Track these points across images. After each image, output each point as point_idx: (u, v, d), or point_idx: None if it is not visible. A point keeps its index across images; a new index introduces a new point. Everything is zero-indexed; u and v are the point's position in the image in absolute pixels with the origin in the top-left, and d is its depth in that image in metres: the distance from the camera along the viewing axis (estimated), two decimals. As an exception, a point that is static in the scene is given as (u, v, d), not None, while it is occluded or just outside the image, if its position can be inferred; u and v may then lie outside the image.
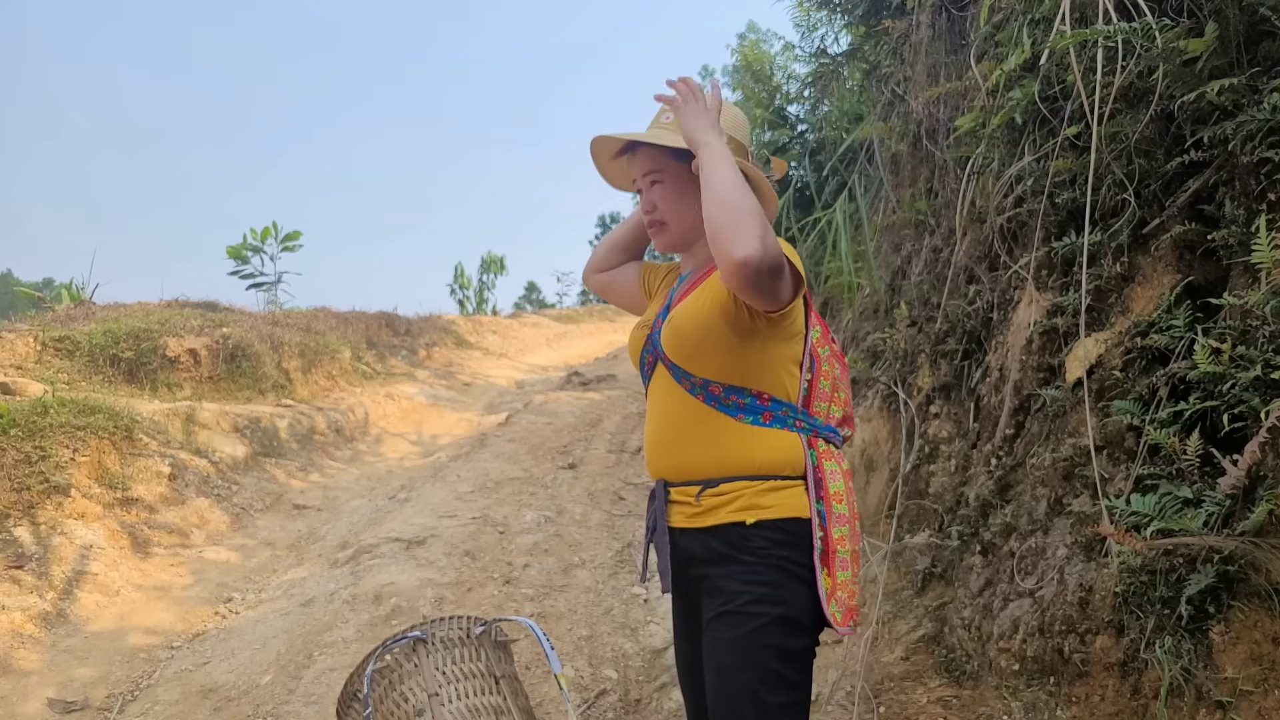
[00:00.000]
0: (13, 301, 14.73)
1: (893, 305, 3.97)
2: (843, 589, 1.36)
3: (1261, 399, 1.65)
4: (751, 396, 1.37)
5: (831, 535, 1.35)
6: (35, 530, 3.80)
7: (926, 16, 3.62)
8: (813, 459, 1.37)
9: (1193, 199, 2.06)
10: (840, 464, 1.42)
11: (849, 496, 1.40)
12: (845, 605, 1.36)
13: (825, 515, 1.36)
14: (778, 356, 1.38)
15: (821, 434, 1.41)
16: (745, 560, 1.34)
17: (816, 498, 1.36)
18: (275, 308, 10.21)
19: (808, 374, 1.41)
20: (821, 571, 1.34)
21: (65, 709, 2.87)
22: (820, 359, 1.44)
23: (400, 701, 1.58)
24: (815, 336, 1.44)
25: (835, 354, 1.51)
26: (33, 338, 6.07)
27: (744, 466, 1.36)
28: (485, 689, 1.61)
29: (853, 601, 1.38)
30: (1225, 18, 1.91)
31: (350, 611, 3.49)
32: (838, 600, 1.35)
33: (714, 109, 1.33)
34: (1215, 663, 1.63)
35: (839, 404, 1.48)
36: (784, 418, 1.38)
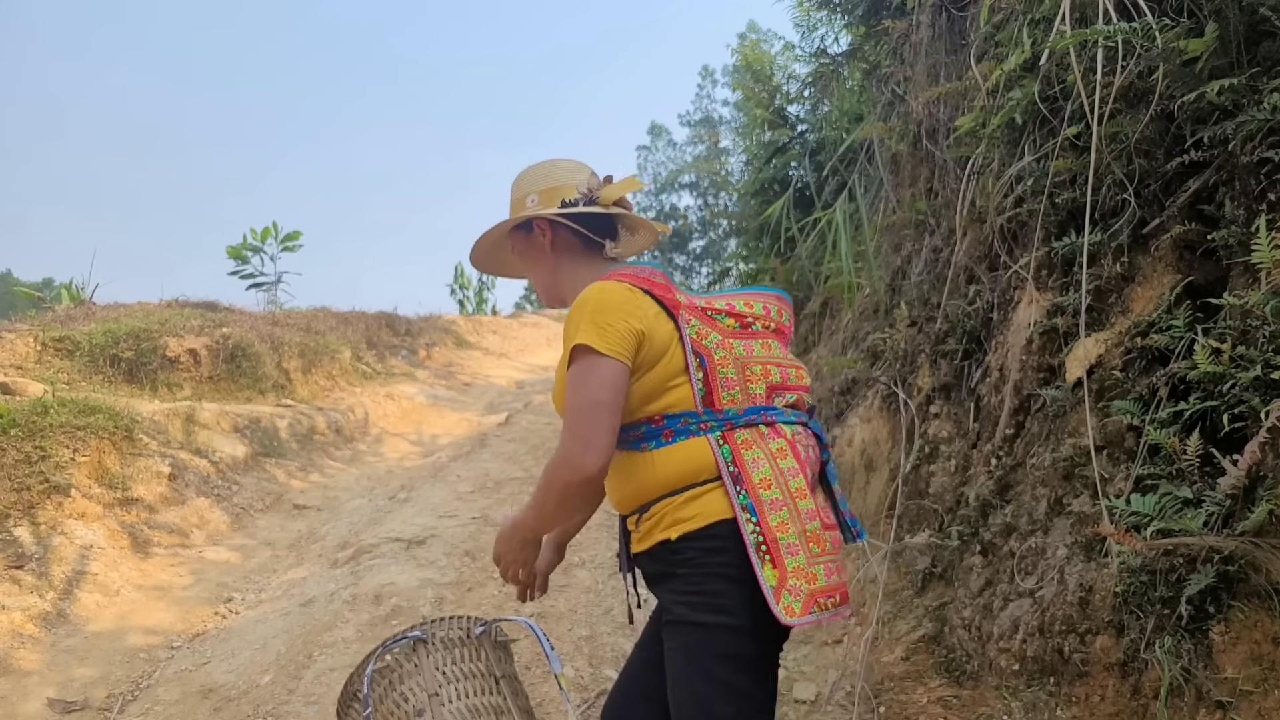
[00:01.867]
0: (13, 301, 14.74)
1: (893, 305, 3.97)
2: (798, 576, 1.29)
3: (1261, 399, 1.65)
4: (645, 424, 1.37)
5: (768, 524, 1.30)
6: (35, 530, 3.80)
7: (926, 16, 3.62)
8: (726, 454, 1.33)
9: (1193, 199, 2.06)
10: (769, 443, 1.36)
11: (784, 477, 1.34)
12: (804, 593, 1.29)
13: (754, 507, 1.31)
14: (651, 385, 1.36)
15: (739, 423, 1.36)
16: (680, 573, 1.34)
17: (738, 492, 1.32)
18: (275, 308, 10.21)
19: (699, 373, 1.37)
20: (764, 566, 1.29)
21: (65, 709, 2.87)
22: (708, 351, 1.37)
23: (400, 701, 1.57)
24: (693, 332, 1.37)
25: (729, 332, 1.42)
26: (33, 338, 6.07)
27: (661, 487, 1.36)
28: (485, 689, 1.60)
29: (817, 584, 1.30)
30: (1225, 18, 1.91)
31: (350, 611, 3.49)
32: (792, 590, 1.28)
33: (506, 537, 1.52)
34: (1215, 663, 1.63)
35: (756, 379, 1.40)
36: (685, 428, 1.36)
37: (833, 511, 1.48)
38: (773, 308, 1.50)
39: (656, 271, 1.43)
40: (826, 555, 1.33)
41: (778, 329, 1.49)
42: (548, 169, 1.55)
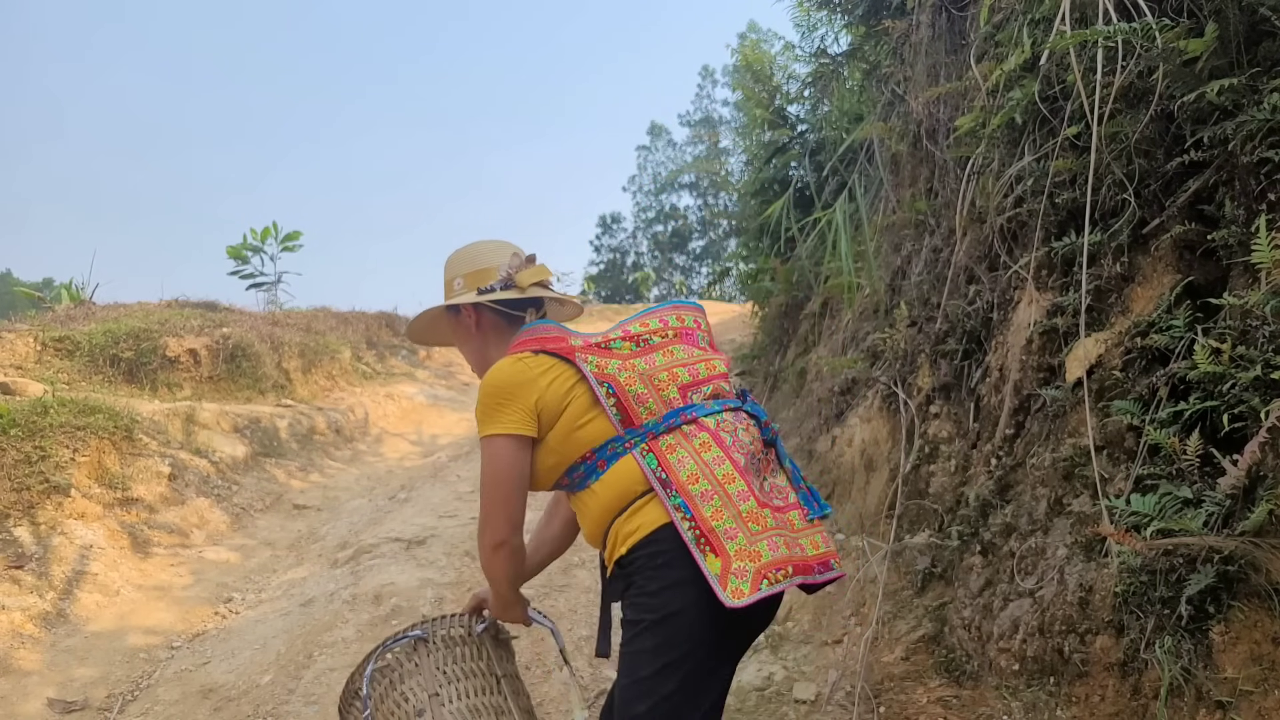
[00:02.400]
0: (13, 301, 14.74)
1: (893, 305, 3.97)
2: (741, 557, 1.32)
3: (1261, 399, 1.65)
4: (581, 463, 1.48)
5: (702, 515, 1.34)
6: (35, 530, 3.80)
7: (926, 16, 3.62)
8: (651, 463, 1.40)
9: (1193, 199, 2.06)
10: (693, 441, 1.41)
11: (710, 468, 1.38)
12: (750, 572, 1.31)
13: (687, 504, 1.36)
14: (566, 429, 1.46)
15: (660, 430, 1.42)
16: (633, 582, 1.41)
17: (669, 494, 1.37)
18: (275, 308, 10.21)
19: (610, 399, 1.44)
20: (705, 557, 1.32)
21: (65, 709, 2.87)
22: (613, 377, 1.45)
23: (400, 701, 1.58)
24: (593, 367, 1.46)
25: (628, 354, 1.49)
26: (33, 338, 6.07)
27: (608, 512, 1.44)
28: (486, 688, 1.60)
29: (762, 560, 1.33)
30: (1225, 18, 1.91)
31: (350, 611, 3.49)
32: (737, 573, 1.31)
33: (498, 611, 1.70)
34: (1215, 663, 1.63)
35: (666, 385, 1.46)
36: (614, 453, 1.44)
37: (790, 489, 1.49)
38: (670, 317, 1.58)
39: (550, 328, 1.57)
40: (770, 530, 1.36)
41: (679, 333, 1.56)
42: (473, 253, 1.67)
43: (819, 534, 1.47)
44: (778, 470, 1.52)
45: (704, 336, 1.60)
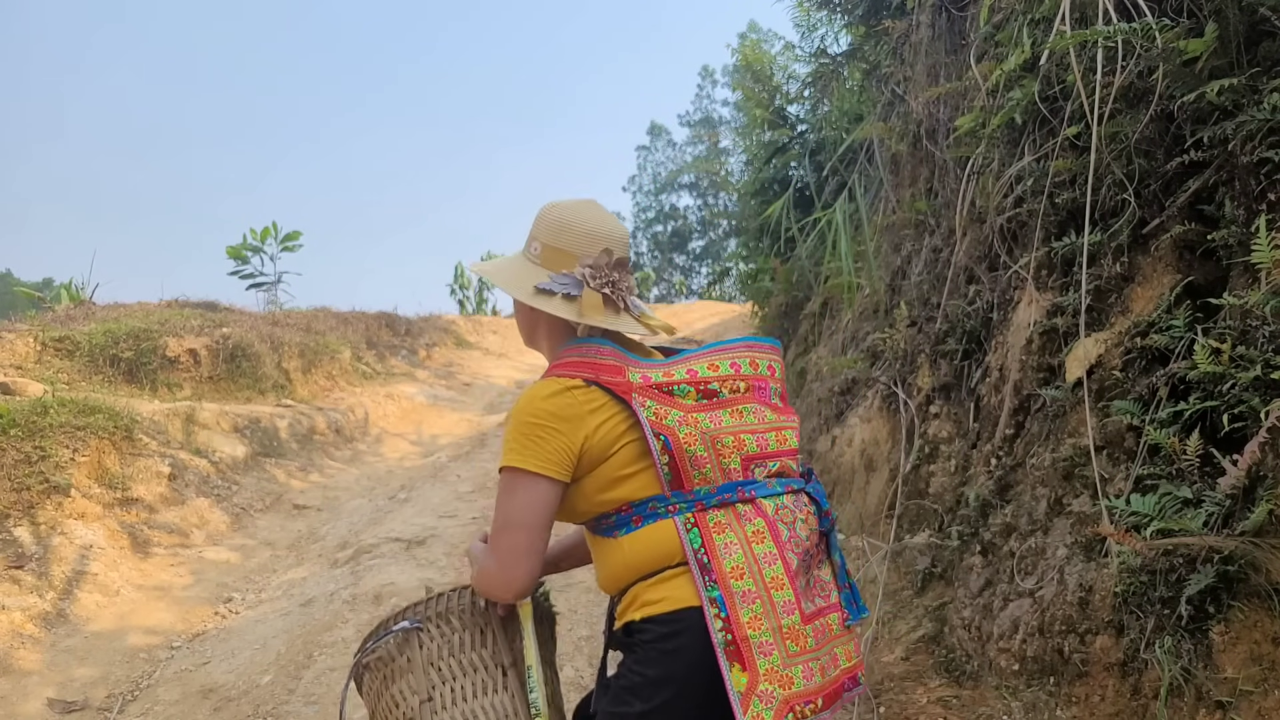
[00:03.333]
0: (13, 301, 14.74)
1: (893, 305, 3.97)
2: (771, 679, 1.18)
3: (1261, 399, 1.65)
4: (615, 513, 1.31)
5: (738, 619, 1.19)
6: (35, 530, 3.80)
7: (926, 16, 3.62)
8: (694, 540, 1.23)
9: (1193, 199, 2.06)
10: (745, 526, 1.24)
11: (759, 565, 1.22)
12: (778, 699, 1.17)
13: (724, 600, 1.20)
14: (606, 478, 1.29)
15: (711, 503, 1.25)
16: (636, 653, 1.27)
17: (707, 583, 1.21)
18: (275, 308, 10.22)
19: (664, 455, 1.26)
20: (732, 669, 1.17)
21: (65, 709, 2.87)
22: (671, 431, 1.26)
23: (392, 706, 1.46)
24: (650, 415, 1.26)
25: (692, 407, 1.29)
26: (33, 338, 6.07)
27: (633, 572, 1.29)
28: (488, 686, 1.45)
29: (793, 689, 1.19)
30: (1225, 18, 1.91)
31: (350, 611, 3.49)
32: (763, 696, 1.16)
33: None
34: (1215, 663, 1.63)
35: (729, 452, 1.28)
36: (653, 512, 1.28)
37: (834, 587, 1.36)
38: (743, 362, 1.37)
39: (603, 349, 1.34)
40: (807, 653, 1.22)
41: (751, 386, 1.35)
42: (565, 222, 1.41)
43: (853, 641, 1.34)
44: (824, 563, 1.37)
45: (777, 389, 1.40)
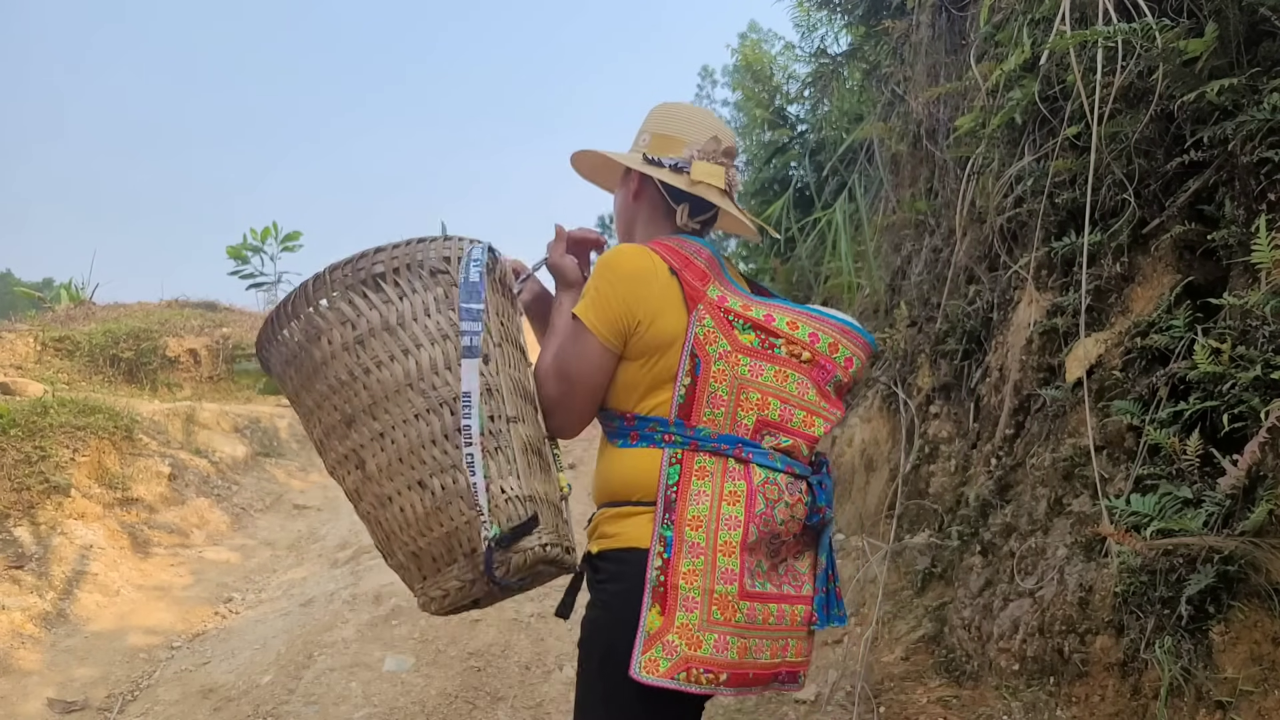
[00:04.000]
0: (13, 301, 14.74)
1: (893, 305, 3.97)
2: (682, 634, 1.15)
3: (1261, 399, 1.65)
4: (618, 418, 1.29)
5: (676, 567, 1.17)
6: (35, 530, 3.80)
7: (926, 16, 3.62)
8: (671, 477, 1.21)
9: (1193, 199, 2.06)
10: (726, 482, 1.21)
11: (718, 525, 1.19)
12: (679, 654, 1.15)
13: (672, 542, 1.18)
14: (635, 378, 1.27)
15: (705, 446, 1.22)
16: (594, 584, 1.28)
17: (664, 522, 1.19)
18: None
19: (687, 378, 1.23)
20: (651, 609, 1.16)
21: (65, 709, 2.87)
22: (708, 358, 1.23)
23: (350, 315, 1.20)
24: (701, 331, 1.23)
25: (743, 348, 1.25)
26: (33, 338, 6.07)
27: (606, 492, 1.29)
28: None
29: (698, 652, 1.15)
30: (1225, 18, 1.91)
31: (350, 611, 3.49)
32: (666, 645, 1.15)
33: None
34: (1215, 663, 1.63)
35: (749, 408, 1.24)
36: (651, 434, 1.25)
37: (808, 581, 1.31)
38: (824, 338, 1.29)
39: (702, 250, 1.30)
40: (731, 626, 1.17)
41: (814, 361, 1.28)
42: (675, 115, 1.42)
43: (808, 642, 1.32)
44: (803, 554, 1.32)
45: (840, 379, 1.32)
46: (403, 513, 1.17)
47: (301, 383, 1.21)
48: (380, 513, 1.19)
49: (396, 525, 1.18)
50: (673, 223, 1.39)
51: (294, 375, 1.22)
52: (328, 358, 1.18)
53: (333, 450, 1.21)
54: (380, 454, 1.17)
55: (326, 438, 1.21)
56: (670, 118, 1.42)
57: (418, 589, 1.22)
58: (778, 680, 1.27)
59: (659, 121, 1.42)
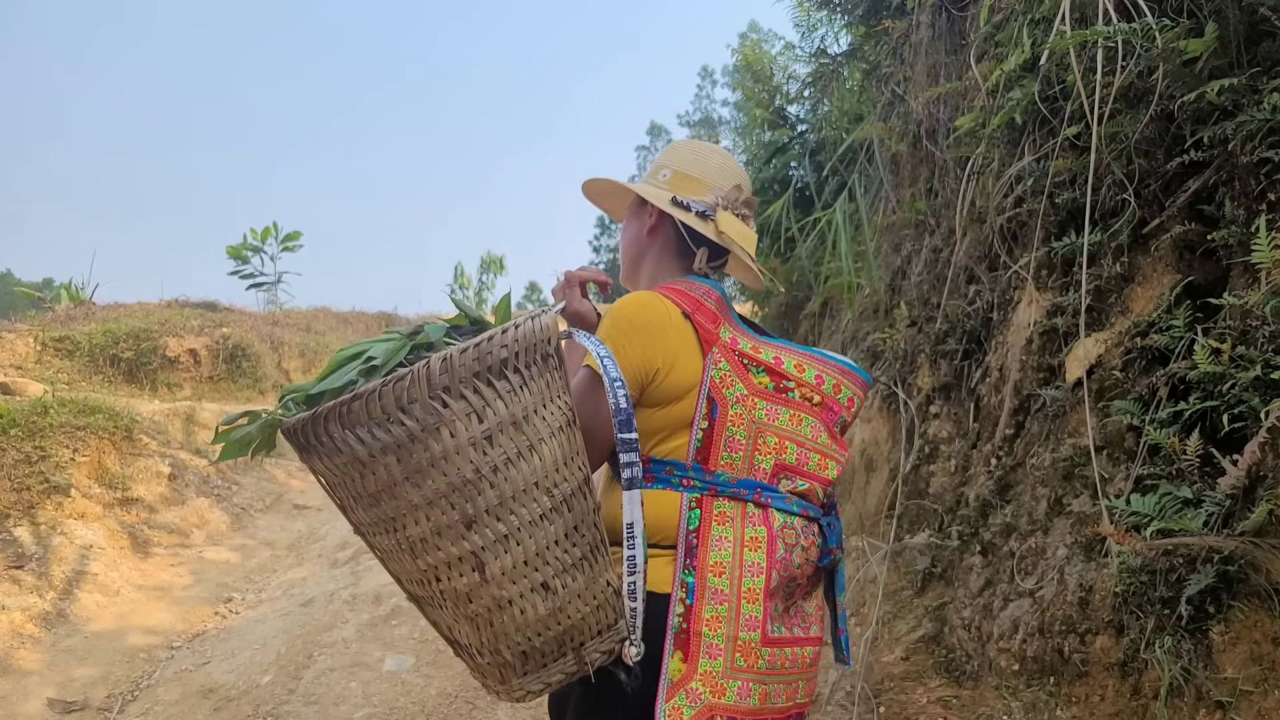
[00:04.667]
0: (13, 301, 14.75)
1: (893, 305, 3.97)
2: (706, 682, 1.14)
3: (1261, 399, 1.65)
4: None
5: (699, 614, 1.16)
6: (35, 530, 3.80)
7: (926, 16, 3.62)
8: (691, 522, 1.20)
9: (1193, 199, 2.06)
10: (746, 528, 1.20)
11: (741, 571, 1.18)
12: (703, 703, 1.14)
13: (695, 588, 1.17)
14: (654, 425, 1.25)
15: (725, 491, 1.21)
16: None
17: (685, 568, 1.18)
18: (275, 308, 10.22)
19: (704, 422, 1.22)
20: (674, 656, 1.15)
21: (65, 709, 2.87)
22: (725, 401, 1.22)
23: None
24: (717, 375, 1.23)
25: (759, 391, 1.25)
26: (33, 338, 6.07)
27: (618, 533, 1.21)
28: None
29: (723, 700, 1.15)
30: (1225, 18, 1.91)
31: (350, 611, 3.49)
32: (690, 693, 1.14)
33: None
34: (1215, 663, 1.63)
35: (767, 452, 1.23)
36: (668, 477, 1.23)
37: (816, 622, 1.31)
38: (829, 380, 1.31)
39: (712, 293, 1.30)
40: (753, 673, 1.18)
41: (824, 404, 1.30)
42: (700, 155, 1.42)
43: (815, 680, 1.30)
44: (812, 596, 1.32)
45: (845, 420, 1.35)
46: (522, 615, 1.11)
47: (405, 475, 1.09)
48: (495, 615, 1.12)
49: (512, 627, 1.12)
50: (685, 262, 1.38)
51: (393, 466, 1.09)
52: (450, 452, 1.07)
53: (441, 551, 1.11)
54: (505, 556, 1.10)
55: (433, 538, 1.10)
56: (695, 158, 1.41)
57: (515, 683, 1.15)
58: (801, 715, 1.28)
59: (683, 159, 1.41)
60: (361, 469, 1.09)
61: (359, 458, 1.09)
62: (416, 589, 1.15)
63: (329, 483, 1.15)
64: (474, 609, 1.11)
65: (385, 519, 1.11)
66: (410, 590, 1.17)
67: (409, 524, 1.10)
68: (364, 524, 1.14)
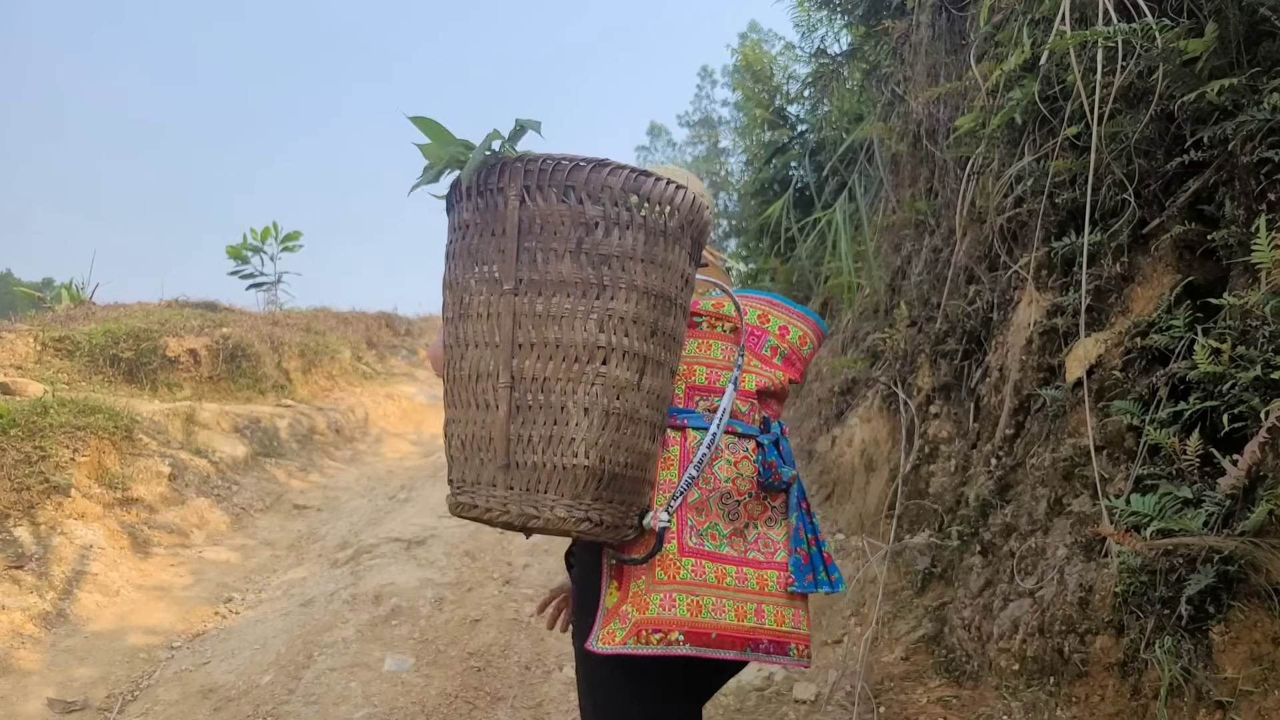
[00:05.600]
0: (13, 301, 14.74)
1: (893, 305, 3.97)
2: (634, 602, 1.18)
3: (1261, 399, 1.65)
4: None
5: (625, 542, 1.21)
6: (35, 530, 3.80)
7: (926, 16, 3.62)
8: None
9: (1193, 199, 2.06)
10: (663, 451, 1.24)
11: (656, 491, 1.22)
12: (631, 620, 1.17)
13: None
14: None
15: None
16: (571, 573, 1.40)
17: None
18: (275, 308, 10.22)
19: None
20: (609, 587, 1.20)
21: (65, 709, 2.87)
22: None
23: None
24: None
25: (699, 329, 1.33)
26: (33, 338, 6.07)
27: None
28: None
29: (646, 614, 1.16)
30: (1225, 18, 1.91)
31: (350, 611, 3.49)
32: (621, 616, 1.18)
33: None
34: (1215, 663, 1.63)
35: (678, 379, 1.29)
36: None
37: (781, 547, 1.29)
38: (754, 311, 1.40)
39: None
40: (678, 584, 1.18)
41: (737, 329, 1.36)
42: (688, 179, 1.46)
43: (794, 610, 1.27)
44: (777, 521, 1.31)
45: (777, 345, 1.40)
46: (636, 438, 1.15)
47: (644, 255, 1.14)
48: (626, 423, 1.14)
49: (625, 444, 1.14)
50: None
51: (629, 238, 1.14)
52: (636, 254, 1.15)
53: (628, 338, 1.14)
54: (651, 378, 1.16)
55: (622, 322, 1.13)
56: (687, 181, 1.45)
57: (585, 502, 1.12)
58: (759, 649, 1.23)
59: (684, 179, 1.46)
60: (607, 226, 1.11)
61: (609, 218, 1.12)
62: (556, 360, 1.11)
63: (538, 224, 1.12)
64: (618, 405, 1.12)
65: (587, 282, 1.11)
66: (537, 359, 1.12)
67: (618, 298, 1.12)
68: (549, 281, 1.12)
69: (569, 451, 1.10)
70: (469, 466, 1.17)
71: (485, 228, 1.15)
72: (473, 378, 1.16)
